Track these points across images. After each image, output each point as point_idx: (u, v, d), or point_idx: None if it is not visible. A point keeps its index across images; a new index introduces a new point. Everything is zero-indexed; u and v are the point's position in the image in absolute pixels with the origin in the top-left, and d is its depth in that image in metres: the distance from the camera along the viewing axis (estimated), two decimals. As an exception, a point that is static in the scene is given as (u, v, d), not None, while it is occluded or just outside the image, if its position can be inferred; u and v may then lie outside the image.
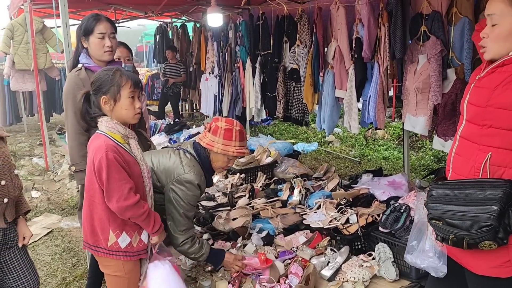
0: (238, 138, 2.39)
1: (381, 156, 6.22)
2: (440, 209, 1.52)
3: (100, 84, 1.98)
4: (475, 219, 1.43)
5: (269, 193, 3.73)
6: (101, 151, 1.91)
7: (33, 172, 6.03)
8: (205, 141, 2.41)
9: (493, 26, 1.51)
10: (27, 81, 6.66)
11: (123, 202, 1.93)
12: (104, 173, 1.90)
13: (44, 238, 4.04)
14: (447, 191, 1.54)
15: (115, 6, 6.65)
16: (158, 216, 2.13)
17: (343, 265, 2.58)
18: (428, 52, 3.39)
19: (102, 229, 2.02)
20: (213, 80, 6.76)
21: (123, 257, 2.05)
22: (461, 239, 1.45)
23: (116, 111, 2.00)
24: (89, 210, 2.05)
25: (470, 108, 1.56)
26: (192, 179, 2.34)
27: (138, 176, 2.06)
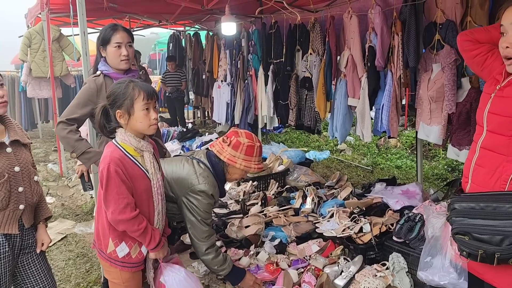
0: (258, 154, 2.43)
1: (393, 165, 6.17)
2: (466, 223, 1.47)
3: (114, 98, 1.99)
4: (507, 234, 1.39)
5: (281, 201, 3.73)
6: (105, 161, 1.94)
7: (47, 178, 6.11)
8: (225, 156, 2.39)
9: None
10: (43, 88, 6.76)
11: (117, 216, 1.94)
12: (104, 183, 1.93)
13: (58, 244, 4.08)
14: (471, 204, 1.49)
15: (130, 15, 6.76)
16: (157, 233, 2.08)
17: (356, 274, 2.56)
18: (442, 61, 3.38)
19: (104, 236, 2.06)
20: (225, 87, 6.81)
21: (120, 267, 2.07)
22: (491, 254, 1.40)
23: (131, 124, 1.99)
24: (97, 214, 2.10)
25: (492, 118, 1.53)
26: (206, 189, 2.36)
27: (145, 191, 2.04)
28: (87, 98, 2.60)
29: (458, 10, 3.31)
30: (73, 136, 2.59)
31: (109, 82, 2.64)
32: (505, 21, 1.49)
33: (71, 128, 2.60)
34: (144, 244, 2.07)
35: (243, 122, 6.56)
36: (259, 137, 7.00)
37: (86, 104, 2.59)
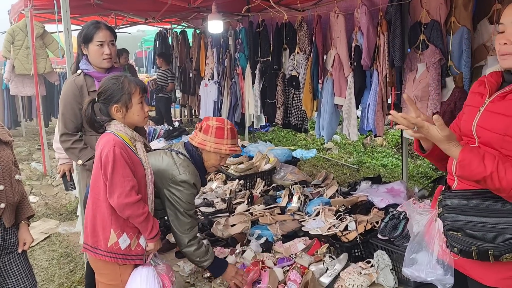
0: (230, 136, 2.40)
1: (379, 163, 6.23)
2: (459, 219, 1.47)
3: (110, 94, 2.04)
4: (500, 231, 1.40)
5: (267, 200, 3.73)
6: (109, 145, 1.97)
7: (31, 176, 6.02)
8: (196, 141, 2.41)
9: None
10: (26, 86, 6.67)
11: (124, 199, 1.94)
12: (109, 167, 1.94)
13: (41, 243, 4.03)
14: (463, 201, 1.49)
15: (116, 12, 6.69)
16: (157, 222, 2.13)
17: (341, 272, 2.57)
18: (427, 61, 3.41)
19: (104, 228, 2.02)
20: (212, 86, 6.79)
21: (121, 260, 2.04)
22: (484, 251, 1.41)
23: (129, 117, 2.08)
24: (92, 209, 2.05)
25: (483, 132, 1.51)
26: (187, 179, 2.34)
27: (142, 177, 2.08)
28: (74, 100, 2.58)
29: (443, 10, 3.35)
30: (77, 146, 2.60)
31: (89, 81, 2.61)
32: (505, 19, 1.49)
33: (75, 139, 2.61)
34: (145, 232, 2.06)
35: (230, 121, 6.54)
36: (246, 136, 7.00)
37: (75, 107, 2.56)
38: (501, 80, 1.57)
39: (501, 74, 1.58)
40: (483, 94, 1.58)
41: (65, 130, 2.61)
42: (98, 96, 2.09)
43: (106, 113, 2.08)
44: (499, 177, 1.35)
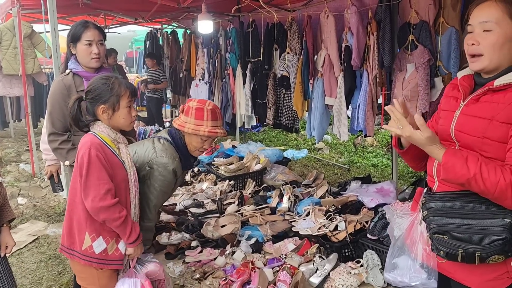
0: (210, 117, 2.34)
1: (370, 163, 6.25)
2: (445, 222, 1.46)
3: (99, 94, 1.99)
4: (486, 232, 1.39)
5: (258, 200, 3.72)
6: (85, 147, 1.92)
7: (19, 178, 5.94)
8: (178, 123, 2.38)
9: (486, 33, 1.46)
10: (14, 86, 6.58)
11: (98, 202, 1.89)
12: (84, 169, 1.89)
13: (29, 246, 3.97)
14: (448, 204, 1.48)
15: (105, 12, 6.64)
16: (137, 226, 2.06)
17: (331, 272, 2.58)
18: (416, 61, 3.43)
19: (79, 230, 1.97)
20: (203, 86, 6.76)
21: (96, 264, 1.98)
22: (471, 254, 1.40)
23: (114, 120, 2.03)
24: (68, 210, 2.01)
25: (461, 136, 1.51)
26: (164, 162, 2.29)
27: (122, 181, 2.03)
28: (62, 99, 2.55)
29: (431, 11, 3.37)
30: (65, 147, 2.57)
31: (78, 80, 2.58)
32: (473, 20, 1.50)
33: (62, 139, 2.57)
34: (124, 237, 1.99)
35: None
36: (237, 136, 6.99)
37: (63, 107, 2.53)
38: (474, 83, 1.58)
39: (473, 77, 1.58)
40: (457, 98, 1.58)
41: (53, 129, 2.58)
42: (86, 94, 2.05)
43: (92, 113, 2.03)
44: (482, 179, 1.35)
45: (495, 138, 1.42)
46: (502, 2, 1.44)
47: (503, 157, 1.42)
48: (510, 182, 1.32)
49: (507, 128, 1.40)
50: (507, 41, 1.44)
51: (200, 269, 2.77)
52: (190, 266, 2.86)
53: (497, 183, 1.33)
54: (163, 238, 3.21)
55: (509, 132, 1.40)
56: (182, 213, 3.70)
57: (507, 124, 1.40)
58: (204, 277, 2.70)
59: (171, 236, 3.24)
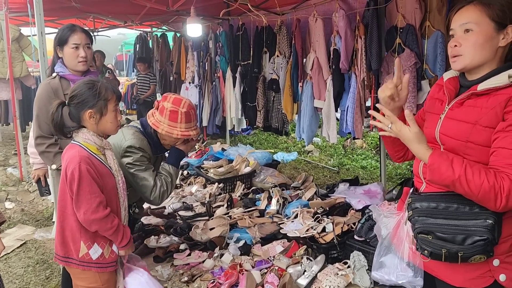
0: (184, 120, 2.38)
1: (359, 165, 6.29)
2: (429, 222, 1.48)
3: (85, 98, 1.97)
4: (469, 233, 1.41)
5: (247, 203, 3.73)
6: (74, 162, 1.90)
7: (7, 182, 5.88)
8: (151, 120, 2.42)
9: (467, 33, 1.49)
10: (2, 90, 6.52)
11: (90, 215, 1.90)
12: (75, 184, 1.88)
13: (17, 250, 3.93)
14: (433, 204, 1.50)
15: (94, 15, 6.61)
16: (128, 230, 2.09)
17: (319, 273, 2.59)
18: (403, 64, 3.46)
19: (73, 240, 1.99)
20: (193, 89, 6.76)
21: (95, 268, 2.02)
22: (454, 253, 1.43)
23: (101, 124, 2.02)
24: (60, 221, 2.01)
25: (446, 139, 1.54)
26: (132, 143, 2.35)
27: (112, 188, 2.04)
28: (49, 103, 2.52)
29: (418, 14, 3.41)
30: (52, 150, 2.57)
31: (65, 84, 2.58)
32: (454, 24, 1.54)
33: (50, 142, 2.57)
34: (116, 242, 2.04)
35: (211, 124, 6.54)
36: (227, 139, 6.99)
37: (50, 110, 2.52)
38: (459, 85, 1.60)
39: (458, 79, 1.61)
40: (442, 101, 1.61)
41: (40, 132, 2.57)
42: (70, 99, 2.01)
43: (76, 118, 2.00)
44: (467, 180, 1.37)
45: (478, 142, 1.45)
46: (480, 4, 1.48)
47: (486, 160, 1.44)
48: (493, 184, 1.34)
49: (490, 132, 1.42)
50: (487, 40, 1.47)
51: (188, 272, 2.77)
52: (178, 269, 2.86)
53: (481, 185, 1.35)
54: (151, 241, 3.20)
55: (492, 136, 1.42)
56: (171, 216, 3.70)
57: (490, 129, 1.42)
58: (192, 279, 2.70)
59: (159, 239, 3.23)
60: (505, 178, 1.35)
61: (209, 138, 7.52)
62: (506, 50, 1.50)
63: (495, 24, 1.46)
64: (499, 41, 1.47)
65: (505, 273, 1.47)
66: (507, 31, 1.46)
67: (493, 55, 1.49)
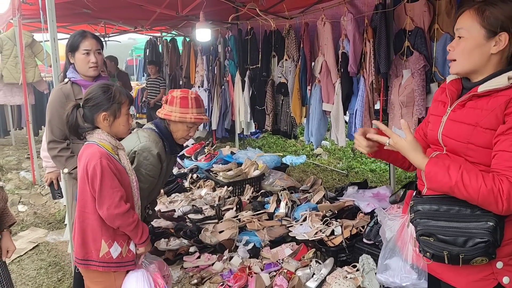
0: (194, 105, 2.45)
1: (368, 168, 6.27)
2: (431, 225, 1.49)
3: (100, 101, 2.03)
4: (470, 235, 1.42)
5: (256, 206, 3.75)
6: (96, 158, 1.96)
7: (20, 186, 5.97)
8: (163, 113, 2.48)
9: (459, 39, 1.52)
10: (15, 95, 6.63)
11: (114, 210, 1.95)
12: (97, 179, 1.94)
13: (29, 253, 3.99)
14: (434, 207, 1.51)
15: (105, 21, 6.71)
16: (146, 227, 2.14)
17: (327, 276, 2.60)
18: (411, 67, 3.47)
19: (94, 239, 2.02)
20: (202, 93, 6.81)
21: (114, 268, 2.05)
22: (455, 255, 1.43)
23: (115, 126, 2.08)
24: (80, 222, 2.05)
25: (447, 141, 1.55)
26: (147, 146, 2.39)
27: (128, 186, 2.09)
28: (61, 108, 2.58)
29: (426, 17, 3.41)
30: (64, 154, 2.61)
31: (77, 89, 2.62)
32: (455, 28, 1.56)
33: (62, 146, 2.62)
34: (136, 238, 2.08)
35: (220, 128, 6.57)
36: (237, 143, 7.02)
37: (62, 115, 2.56)
38: (461, 87, 1.61)
39: (461, 81, 1.62)
40: (445, 103, 1.62)
41: (52, 137, 2.62)
42: (85, 102, 2.07)
43: (90, 121, 2.06)
44: (464, 186, 1.37)
45: (479, 144, 1.45)
46: (474, 10, 1.49)
47: (487, 162, 1.44)
48: (491, 188, 1.34)
49: (491, 134, 1.43)
50: (475, 47, 1.48)
51: (198, 274, 2.79)
52: (188, 271, 2.89)
53: (479, 190, 1.35)
54: (161, 244, 3.23)
55: (493, 139, 1.43)
56: (181, 219, 3.73)
57: (490, 130, 1.43)
58: (202, 282, 2.73)
59: (169, 242, 3.26)
60: (504, 180, 1.35)
61: (218, 142, 7.55)
62: (504, 56, 1.49)
63: (486, 31, 1.46)
64: (491, 48, 1.47)
65: (508, 276, 1.47)
66: (500, 38, 1.46)
67: (484, 61, 1.49)
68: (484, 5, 1.47)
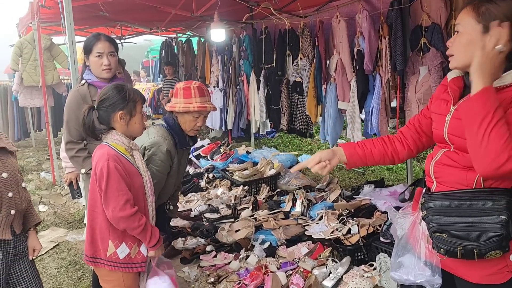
0: (197, 94, 2.48)
1: (385, 167, 6.21)
2: (443, 221, 1.49)
3: (116, 101, 2.07)
4: (483, 230, 1.42)
5: (272, 205, 3.75)
6: (103, 159, 1.98)
7: (40, 186, 6.10)
8: (169, 105, 2.53)
9: (456, 34, 1.53)
10: (35, 97, 6.77)
11: (118, 213, 1.96)
12: (103, 181, 1.96)
13: (50, 252, 4.08)
14: (445, 203, 1.51)
15: (121, 23, 6.80)
16: (156, 230, 2.13)
17: (344, 275, 2.58)
18: (428, 64, 3.42)
19: (102, 239, 2.05)
20: (217, 93, 6.84)
21: (122, 268, 2.06)
22: (470, 250, 1.44)
23: (131, 125, 2.11)
24: (90, 220, 2.08)
25: (454, 139, 1.54)
26: (155, 141, 2.44)
27: (140, 187, 2.10)
28: (78, 109, 2.62)
29: (443, 13, 3.36)
30: (81, 155, 2.66)
31: (93, 90, 2.67)
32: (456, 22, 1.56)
33: (79, 147, 2.67)
34: (145, 242, 2.08)
35: (236, 127, 6.60)
36: (252, 142, 7.03)
37: (79, 116, 2.61)
38: (463, 85, 1.59)
39: (462, 78, 1.60)
40: (447, 101, 1.60)
41: (70, 138, 2.67)
42: (100, 103, 2.10)
43: (106, 121, 2.09)
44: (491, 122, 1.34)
45: None
46: (471, 6, 1.49)
47: None
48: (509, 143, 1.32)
49: None
50: (470, 42, 1.47)
51: (215, 273, 2.81)
52: (205, 270, 2.91)
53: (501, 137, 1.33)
54: (178, 243, 3.26)
55: None
56: (197, 219, 3.76)
57: None
58: (219, 281, 2.74)
59: (186, 241, 3.29)
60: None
61: (234, 141, 7.57)
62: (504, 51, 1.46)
63: (482, 26, 1.45)
64: None
65: None
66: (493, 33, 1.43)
67: None
68: (482, 1, 1.47)
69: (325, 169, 1.75)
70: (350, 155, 1.79)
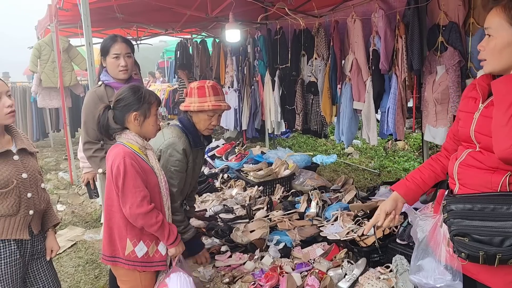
0: (212, 93, 2.49)
1: (401, 167, 6.14)
2: (465, 225, 1.46)
3: (131, 102, 2.10)
4: (507, 235, 1.38)
5: (286, 205, 3.74)
6: (119, 157, 2.01)
7: (58, 186, 6.20)
8: (183, 105, 2.55)
9: (488, 38, 1.49)
10: (53, 98, 6.89)
11: (135, 209, 1.98)
12: (120, 178, 1.98)
13: (68, 251, 4.14)
14: (468, 206, 1.47)
15: (137, 24, 6.87)
16: (174, 227, 2.16)
17: (360, 277, 2.56)
18: (446, 63, 3.37)
19: (120, 237, 2.07)
20: (232, 94, 6.86)
21: (140, 267, 2.08)
22: (492, 255, 1.40)
23: (144, 126, 2.14)
24: (107, 220, 2.11)
25: (481, 138, 1.50)
26: (171, 142, 2.45)
27: (155, 186, 2.12)
28: (95, 109, 2.64)
29: (461, 11, 3.31)
30: (98, 155, 2.70)
31: (110, 91, 2.70)
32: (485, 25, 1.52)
33: (96, 147, 2.71)
34: (163, 239, 2.10)
35: (251, 128, 6.60)
36: (267, 143, 7.03)
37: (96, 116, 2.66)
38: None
39: (491, 76, 1.56)
40: (476, 99, 1.57)
41: (87, 138, 2.71)
42: (116, 103, 2.13)
43: (121, 121, 2.12)
44: None
45: None
46: (502, 8, 1.45)
47: None
48: None
49: None
50: (505, 46, 1.44)
51: (230, 274, 2.81)
52: (220, 270, 2.91)
53: None
54: (193, 243, 3.27)
55: None
56: (212, 219, 3.77)
57: None
58: (234, 281, 2.75)
59: (201, 241, 3.30)
60: None
61: (249, 142, 7.58)
62: None
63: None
64: None
65: None
66: None
67: None
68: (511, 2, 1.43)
69: (395, 219, 1.81)
70: (405, 194, 1.81)
